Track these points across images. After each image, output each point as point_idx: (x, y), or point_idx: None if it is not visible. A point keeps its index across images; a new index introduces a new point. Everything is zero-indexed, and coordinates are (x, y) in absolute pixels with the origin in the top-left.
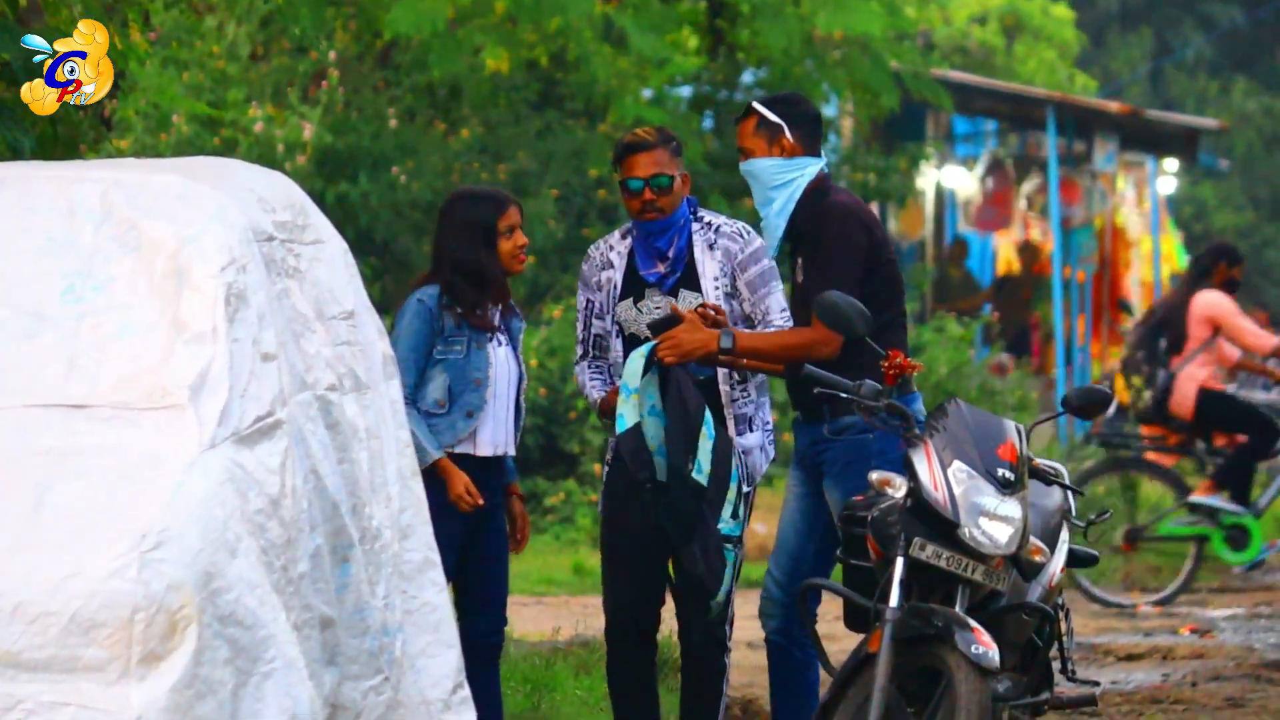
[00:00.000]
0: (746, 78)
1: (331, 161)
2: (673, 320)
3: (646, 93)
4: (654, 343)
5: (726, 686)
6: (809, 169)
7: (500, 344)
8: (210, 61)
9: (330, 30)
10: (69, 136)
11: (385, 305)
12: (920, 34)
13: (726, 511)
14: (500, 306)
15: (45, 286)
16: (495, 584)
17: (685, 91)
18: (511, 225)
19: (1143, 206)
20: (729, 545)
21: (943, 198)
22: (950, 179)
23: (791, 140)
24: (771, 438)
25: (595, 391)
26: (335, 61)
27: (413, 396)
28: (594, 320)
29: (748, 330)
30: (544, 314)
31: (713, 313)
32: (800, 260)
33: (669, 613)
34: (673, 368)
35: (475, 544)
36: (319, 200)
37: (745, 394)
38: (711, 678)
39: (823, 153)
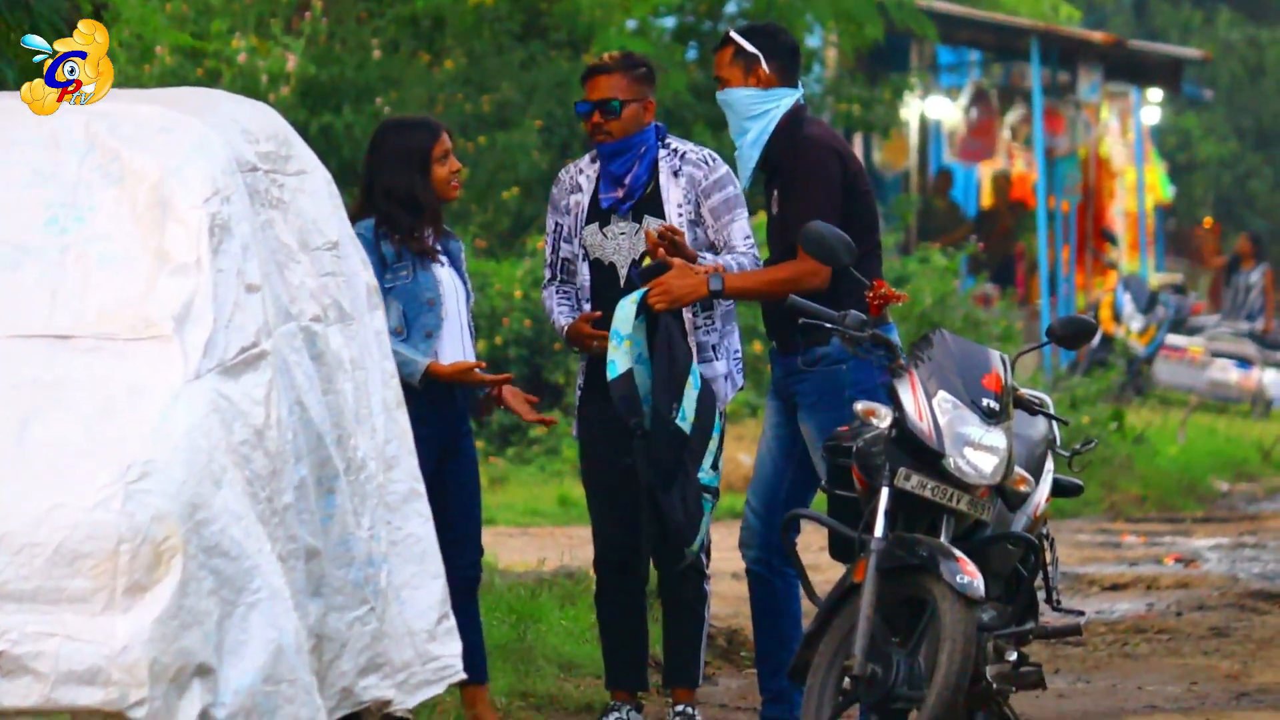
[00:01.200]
0: (730, 8)
1: (315, 93)
2: (661, 267)
3: (630, 23)
4: (644, 290)
5: (708, 614)
6: (784, 100)
7: (443, 264)
8: None
9: None
10: None
11: None
12: None
13: (707, 462)
14: (434, 231)
15: (28, 217)
16: (468, 515)
17: (669, 22)
18: (445, 151)
19: (1127, 137)
20: (707, 495)
21: (927, 128)
22: (934, 109)
23: (768, 71)
24: (740, 365)
25: (562, 317)
26: None
27: None
28: (562, 244)
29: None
30: (528, 245)
31: (671, 234)
32: (775, 192)
33: None
34: (661, 315)
35: (446, 474)
36: (303, 131)
37: (709, 321)
38: (692, 604)
39: (800, 84)
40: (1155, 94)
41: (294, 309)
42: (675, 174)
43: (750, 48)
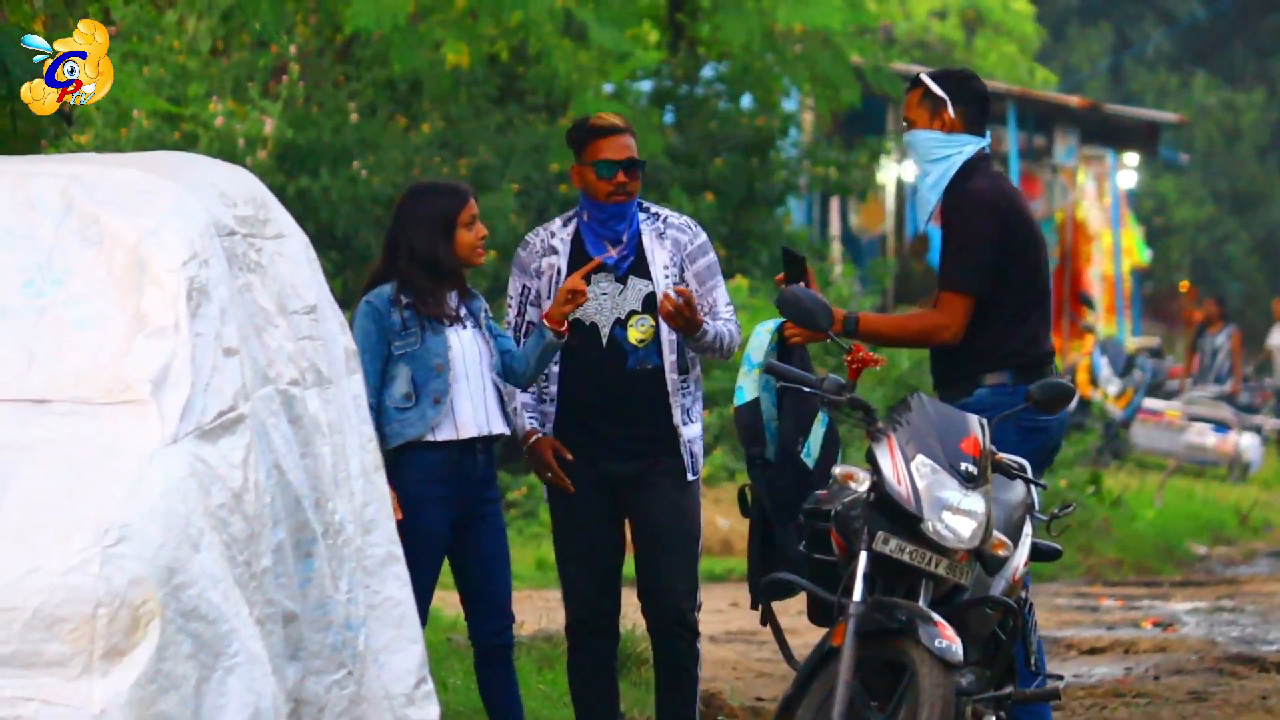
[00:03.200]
0: (707, 72)
1: (292, 156)
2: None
3: (607, 87)
4: (780, 320)
5: (700, 673)
6: (967, 148)
7: (465, 327)
8: (171, 56)
9: (291, 25)
10: (29, 131)
11: (347, 300)
12: (881, 28)
13: None
14: (458, 293)
15: (5, 280)
16: (496, 581)
17: (646, 86)
18: (472, 217)
19: (1103, 200)
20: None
21: (904, 192)
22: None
23: (953, 115)
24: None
25: (526, 419)
26: (296, 56)
27: (376, 396)
28: (528, 307)
29: (728, 335)
30: (504, 309)
31: (679, 299)
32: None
33: (631, 607)
34: (795, 349)
35: (469, 540)
36: (280, 195)
37: (685, 385)
38: (686, 665)
39: (987, 133)
40: (1132, 158)
41: (272, 372)
42: (660, 236)
43: (939, 91)
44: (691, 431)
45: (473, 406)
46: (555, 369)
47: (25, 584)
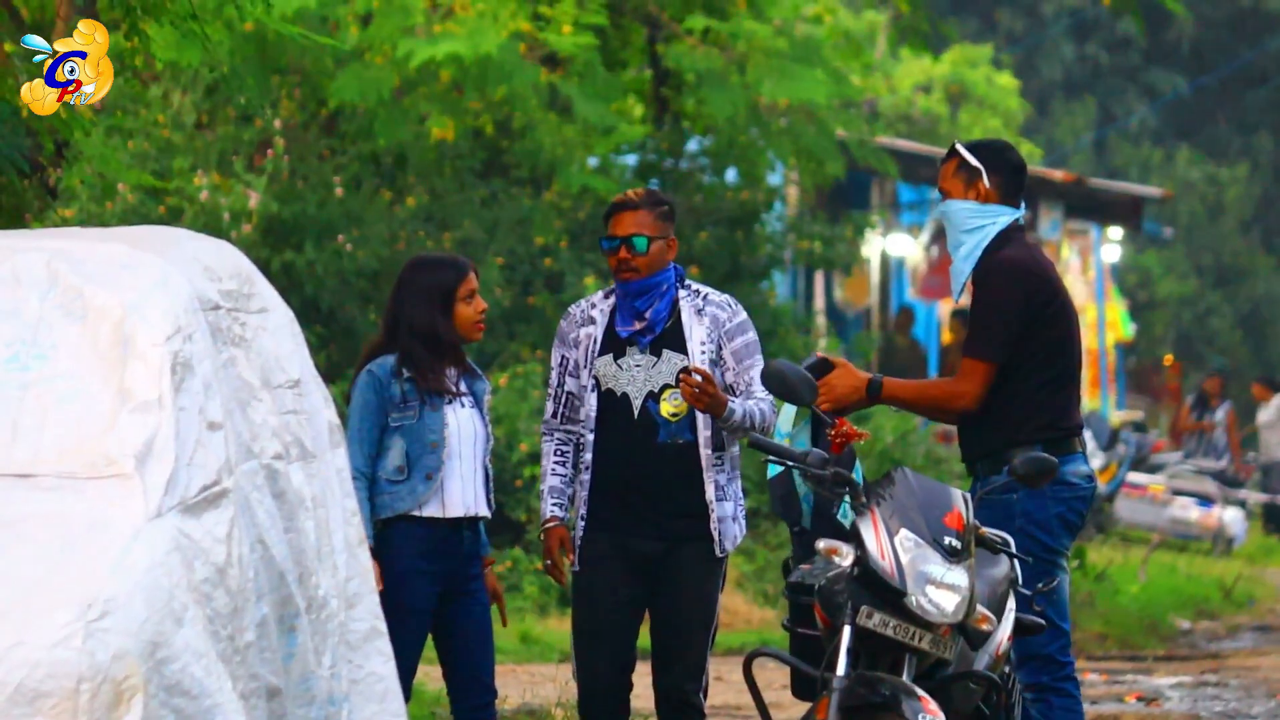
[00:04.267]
0: (692, 145)
1: (277, 230)
2: (826, 366)
3: (592, 161)
4: None
5: None
6: (1001, 218)
7: (463, 405)
8: (155, 130)
9: (275, 99)
10: (13, 205)
11: (331, 373)
12: (865, 102)
13: None
14: (458, 370)
15: None
16: (478, 656)
17: (631, 160)
18: (471, 291)
19: (1087, 274)
20: None
21: (888, 265)
22: (896, 247)
23: (989, 186)
24: (743, 510)
25: (551, 506)
26: (280, 130)
27: (373, 467)
28: (567, 378)
29: (757, 414)
30: (490, 382)
31: (698, 378)
32: None
33: (639, 680)
34: (825, 415)
35: (453, 615)
36: (265, 269)
37: (720, 461)
38: None
39: (1022, 204)
40: (1116, 232)
41: (256, 447)
42: (699, 313)
43: (974, 161)
44: (725, 509)
45: (462, 486)
46: (590, 438)
47: (9, 658)
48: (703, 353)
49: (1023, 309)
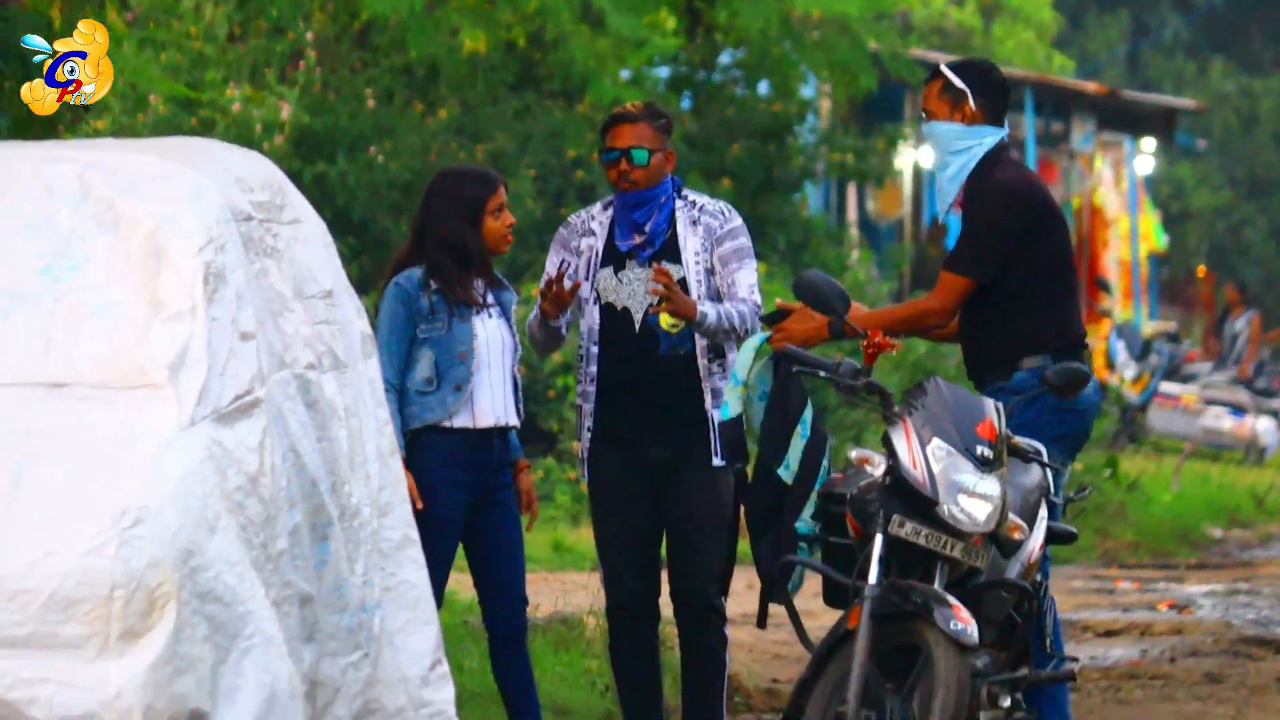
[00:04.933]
0: (724, 58)
1: (309, 142)
2: (783, 313)
3: (625, 73)
4: (764, 335)
5: (729, 659)
6: (987, 139)
7: (490, 316)
8: (187, 42)
9: (308, 11)
10: (45, 117)
11: (363, 284)
12: (898, 15)
13: (807, 512)
14: (485, 281)
15: (22, 266)
16: (509, 566)
17: (663, 72)
18: (500, 205)
19: (1120, 186)
20: (803, 545)
21: (920, 178)
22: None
23: (974, 108)
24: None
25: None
26: (313, 42)
27: (401, 379)
28: (565, 282)
29: (736, 316)
30: (522, 293)
31: (664, 278)
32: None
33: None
34: (783, 364)
35: (483, 525)
36: (296, 180)
37: (720, 369)
38: (714, 650)
39: (1005, 123)
40: (1149, 144)
41: (288, 357)
42: (694, 223)
43: (959, 83)
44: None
45: (491, 396)
46: (595, 350)
47: (42, 567)
48: (697, 263)
49: (1019, 230)
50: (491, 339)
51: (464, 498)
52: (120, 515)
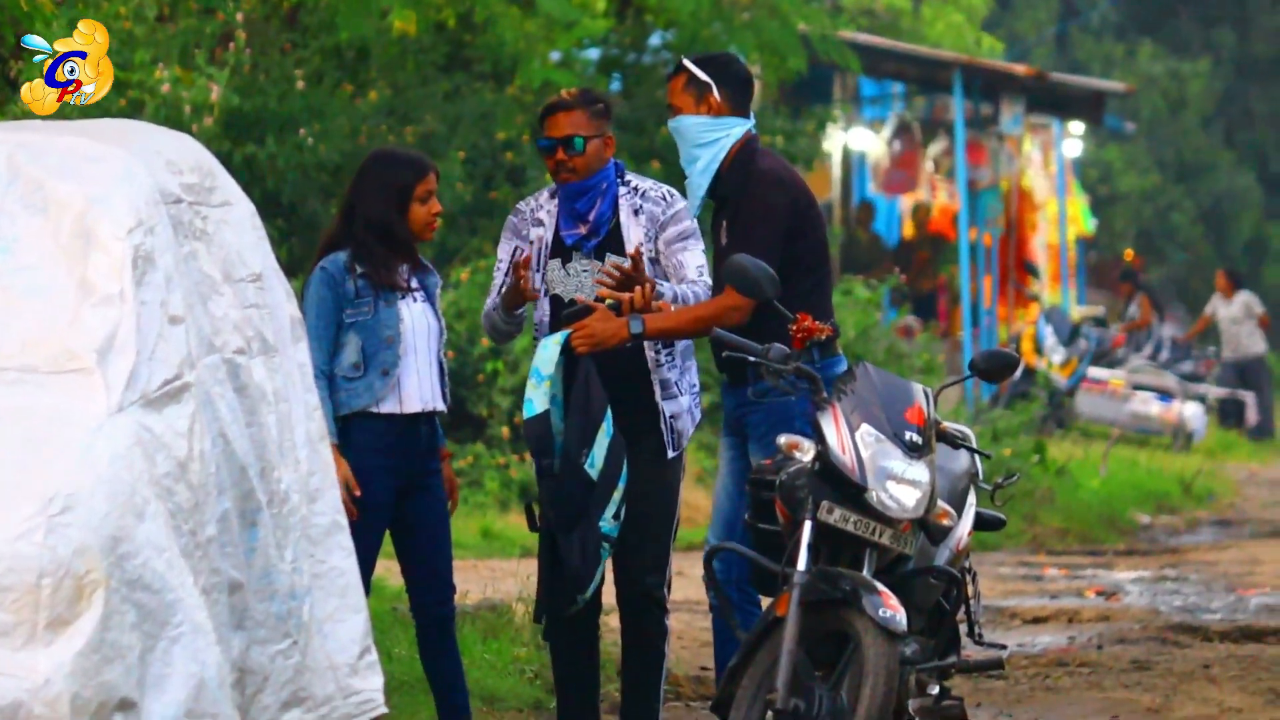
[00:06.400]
0: (655, 40)
1: (239, 123)
2: (585, 311)
3: (554, 55)
4: (566, 332)
5: (669, 650)
6: (735, 130)
7: (416, 300)
8: (116, 23)
9: None
10: None
11: (293, 268)
12: None
13: (609, 511)
14: (410, 265)
15: None
16: (436, 552)
17: (593, 54)
18: (429, 191)
19: (1049, 169)
20: (606, 544)
21: (850, 160)
22: (857, 141)
23: (719, 99)
24: (698, 400)
25: (490, 302)
26: (242, 23)
27: (329, 364)
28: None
29: (657, 310)
30: (451, 276)
31: (624, 269)
32: (725, 223)
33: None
34: (582, 359)
35: (411, 511)
36: (226, 162)
37: (670, 358)
38: (653, 640)
39: (752, 114)
40: (1077, 127)
41: (217, 341)
42: (636, 212)
43: (702, 76)
44: (675, 406)
45: (418, 381)
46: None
47: None
48: (642, 254)
49: (790, 216)
50: (417, 324)
51: (392, 483)
52: (48, 501)
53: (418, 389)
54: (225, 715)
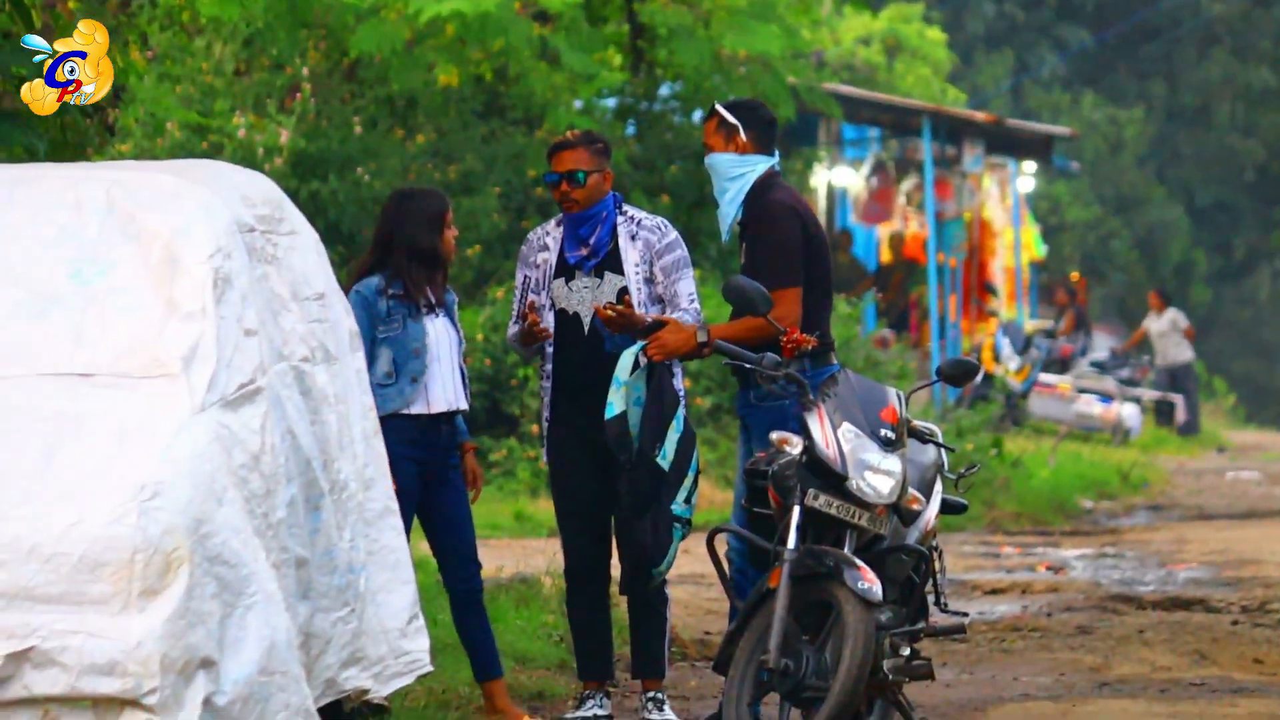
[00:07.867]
0: (664, 90)
1: (304, 163)
2: (659, 324)
3: (577, 104)
4: (643, 344)
5: (669, 613)
6: (759, 166)
7: (438, 315)
8: (199, 76)
9: (303, 49)
10: (77, 141)
11: (351, 288)
12: (813, 53)
13: (681, 496)
14: (444, 281)
15: (56, 271)
16: (459, 536)
17: (611, 103)
18: (450, 219)
19: (1005, 202)
20: (678, 525)
21: (833, 194)
22: (840, 178)
23: (745, 139)
24: (683, 403)
25: (512, 329)
26: (308, 76)
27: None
28: (529, 294)
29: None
30: (488, 295)
31: (616, 309)
32: (745, 245)
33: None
34: (657, 366)
35: (434, 500)
36: (294, 197)
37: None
38: (655, 605)
39: (775, 152)
40: (1030, 166)
41: (286, 351)
42: (633, 238)
43: (731, 119)
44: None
45: (443, 385)
46: (550, 350)
47: (73, 534)
48: (637, 272)
49: (802, 240)
50: (440, 336)
51: (417, 471)
52: (140, 489)
53: (442, 392)
54: (293, 673)
